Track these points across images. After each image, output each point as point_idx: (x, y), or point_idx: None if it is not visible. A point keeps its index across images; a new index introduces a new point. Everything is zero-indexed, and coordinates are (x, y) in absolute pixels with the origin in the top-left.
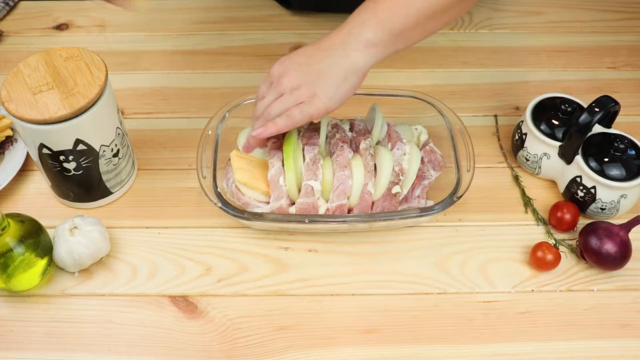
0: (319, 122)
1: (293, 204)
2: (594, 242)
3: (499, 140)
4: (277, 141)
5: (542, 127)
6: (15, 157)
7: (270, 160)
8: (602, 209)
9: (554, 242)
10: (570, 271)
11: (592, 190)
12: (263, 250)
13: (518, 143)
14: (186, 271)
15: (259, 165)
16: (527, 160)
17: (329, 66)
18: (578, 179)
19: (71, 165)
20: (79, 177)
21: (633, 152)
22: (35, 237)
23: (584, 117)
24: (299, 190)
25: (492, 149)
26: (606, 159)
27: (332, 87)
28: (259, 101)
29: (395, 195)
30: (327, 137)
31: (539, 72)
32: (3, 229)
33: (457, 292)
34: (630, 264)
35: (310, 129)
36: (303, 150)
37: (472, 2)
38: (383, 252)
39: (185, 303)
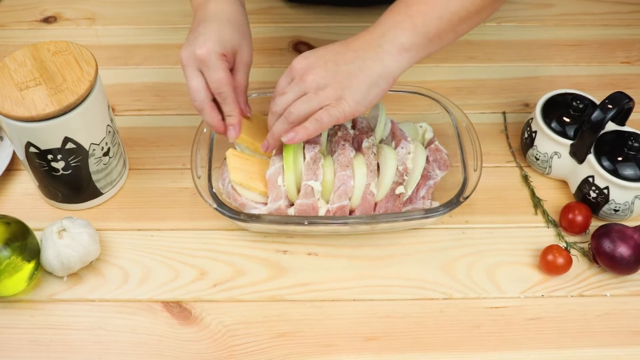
0: None
1: (292, 205)
2: (606, 245)
3: (507, 138)
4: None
5: (553, 124)
6: (0, 156)
7: (272, 159)
8: (616, 211)
9: (565, 245)
10: (582, 275)
11: (605, 191)
12: (260, 254)
13: (527, 141)
14: (180, 275)
15: (256, 165)
16: (537, 159)
17: (359, 68)
18: (590, 179)
19: (59, 165)
20: (68, 177)
21: None
22: (21, 240)
23: (596, 115)
24: (299, 191)
25: (500, 147)
26: (620, 158)
27: (361, 91)
28: (278, 96)
29: (399, 196)
30: (328, 135)
31: (549, 67)
32: None
33: (463, 297)
34: None
35: None
36: (303, 148)
37: (502, 2)
38: (386, 255)
39: (178, 309)
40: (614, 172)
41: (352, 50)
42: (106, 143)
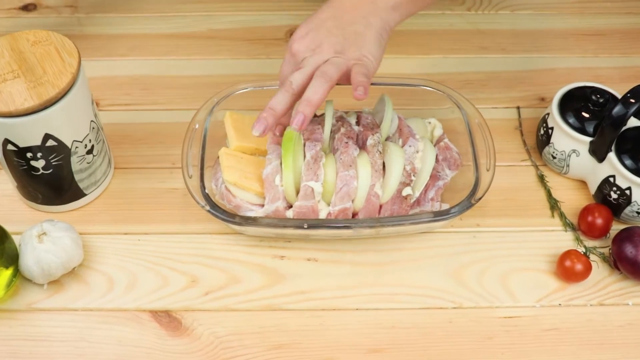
0: (323, 114)
1: (290, 206)
2: (629, 250)
3: (522, 135)
4: (279, 136)
5: (571, 120)
6: None
7: (269, 157)
8: (639, 213)
9: (584, 250)
10: (602, 283)
11: (627, 192)
12: (256, 259)
13: (543, 138)
14: (169, 283)
15: (251, 164)
16: (554, 157)
17: (364, 26)
18: (611, 179)
19: (39, 164)
20: (49, 177)
21: None
22: None
23: (617, 109)
24: (298, 192)
25: (515, 145)
26: None
27: (374, 46)
28: (289, 76)
29: (406, 197)
30: (330, 132)
31: (567, 59)
32: None
33: (474, 306)
34: None
35: (313, 122)
36: (304, 146)
37: None
38: (391, 261)
39: (168, 319)
40: (637, 172)
41: (348, 11)
42: (90, 140)
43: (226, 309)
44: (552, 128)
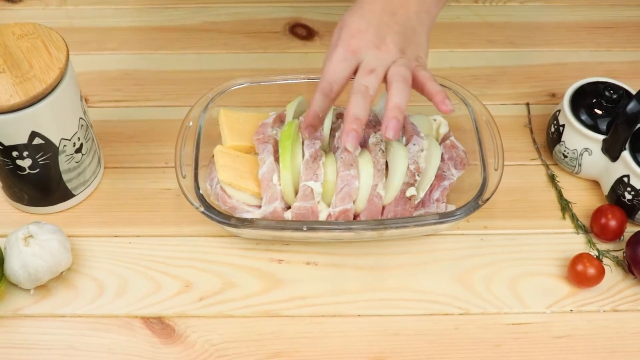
0: None
1: (289, 207)
2: None
3: (531, 133)
4: (264, 134)
5: (583, 117)
6: None
7: (261, 156)
8: None
9: (597, 254)
10: (616, 288)
11: None
12: (253, 263)
13: (554, 136)
14: (162, 288)
15: (248, 163)
16: (565, 156)
17: (418, 23)
18: (625, 179)
19: (26, 163)
20: (35, 177)
21: None
22: None
23: (632, 106)
24: (296, 193)
25: (524, 143)
26: None
27: (426, 45)
28: (359, 78)
29: (410, 198)
30: (330, 129)
31: (578, 53)
32: None
33: (482, 312)
34: None
35: None
36: (302, 144)
37: None
38: (395, 265)
39: (160, 325)
40: None
41: (398, 5)
42: (78, 138)
43: (221, 316)
44: (563, 125)
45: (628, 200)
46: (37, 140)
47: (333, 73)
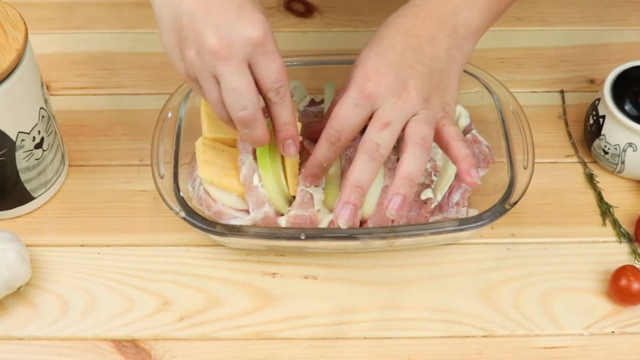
0: (321, 101)
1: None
2: None
3: (566, 125)
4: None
5: (627, 107)
6: None
7: (240, 157)
8: None
9: None
10: None
11: None
12: (242, 277)
13: (593, 129)
14: (136, 306)
15: (234, 159)
16: (606, 152)
17: (448, 63)
18: None
19: None
20: None
21: None
22: None
23: None
24: (290, 201)
25: (558, 137)
26: None
27: (456, 89)
28: (370, 134)
29: (425, 202)
30: None
31: (621, 32)
32: None
33: (509, 334)
34: None
35: (310, 113)
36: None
37: None
38: (407, 279)
39: (134, 350)
40: None
41: (426, 40)
42: (39, 132)
43: (205, 338)
44: (603, 117)
45: None
46: None
47: (342, 119)
